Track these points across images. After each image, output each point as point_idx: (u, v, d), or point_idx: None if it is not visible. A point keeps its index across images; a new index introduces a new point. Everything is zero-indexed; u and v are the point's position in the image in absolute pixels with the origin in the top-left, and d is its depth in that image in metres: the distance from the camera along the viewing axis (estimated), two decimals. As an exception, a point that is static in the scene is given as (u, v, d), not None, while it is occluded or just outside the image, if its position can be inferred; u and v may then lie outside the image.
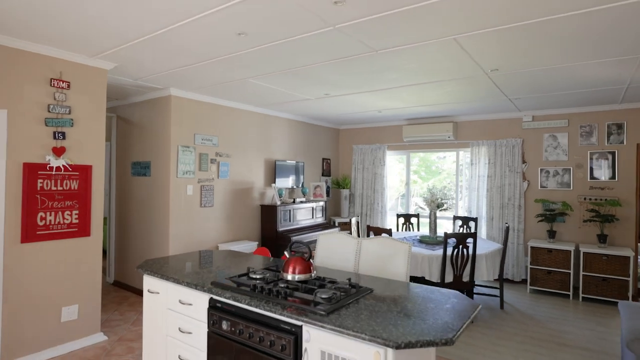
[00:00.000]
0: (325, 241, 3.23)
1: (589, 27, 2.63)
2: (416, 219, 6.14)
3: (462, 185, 6.54)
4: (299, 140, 6.74)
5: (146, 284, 2.74)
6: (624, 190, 5.08)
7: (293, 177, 6.37)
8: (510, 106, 5.40)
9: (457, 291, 2.32)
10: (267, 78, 4.10)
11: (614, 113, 5.15)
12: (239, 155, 5.55)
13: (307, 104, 5.46)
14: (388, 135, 7.12)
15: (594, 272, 4.88)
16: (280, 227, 5.69)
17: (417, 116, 6.39)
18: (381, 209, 7.09)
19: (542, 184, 5.63)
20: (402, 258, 2.85)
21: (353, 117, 6.58)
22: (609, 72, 3.64)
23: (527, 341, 3.77)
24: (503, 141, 5.87)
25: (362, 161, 7.35)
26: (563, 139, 5.48)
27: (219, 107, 5.26)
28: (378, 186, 7.11)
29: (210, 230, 5.15)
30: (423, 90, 4.52)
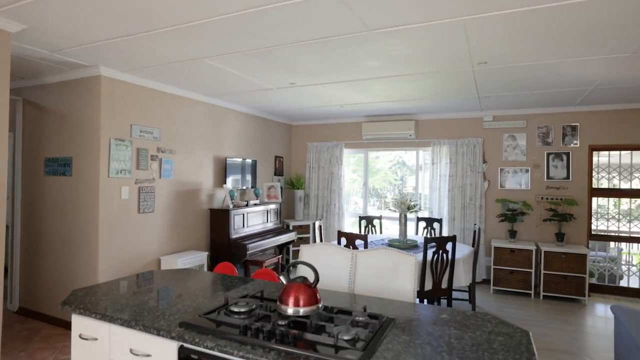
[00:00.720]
0: (311, 254, 2.70)
1: (587, 19, 2.43)
2: (379, 221, 5.83)
3: (423, 185, 6.38)
4: (251, 136, 6.07)
5: (77, 326, 1.97)
6: (577, 190, 5.24)
7: (245, 176, 5.69)
8: (474, 105, 5.31)
9: (490, 314, 1.95)
10: (228, 59, 3.43)
11: (569, 115, 5.29)
12: (185, 152, 4.75)
13: (266, 95, 4.84)
14: (346, 132, 6.73)
15: (554, 270, 4.95)
16: (234, 234, 4.99)
17: (378, 113, 6.09)
18: (338, 210, 6.69)
19: (502, 184, 5.64)
20: (407, 273, 2.42)
21: (310, 112, 6.09)
22: (589, 71, 3.59)
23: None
24: (464, 140, 5.80)
25: (318, 160, 6.89)
26: (522, 140, 5.54)
27: (162, 94, 4.42)
28: (335, 186, 6.70)
29: (151, 240, 4.31)
30: (399, 83, 4.17)
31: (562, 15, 2.42)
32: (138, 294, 2.15)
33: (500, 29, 2.66)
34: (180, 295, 2.14)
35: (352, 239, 4.10)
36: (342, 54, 3.23)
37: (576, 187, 5.25)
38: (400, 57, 3.30)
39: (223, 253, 4.94)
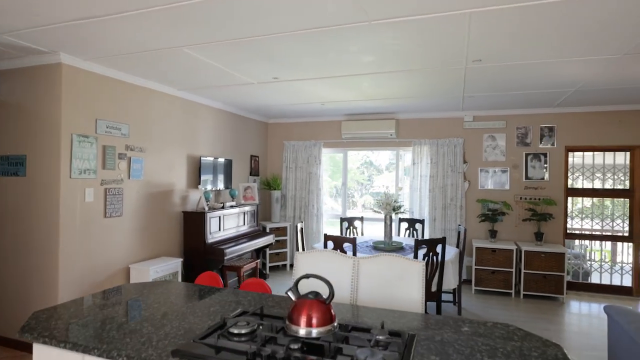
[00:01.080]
0: (308, 262, 2.48)
1: (587, 16, 2.38)
2: (360, 223, 5.68)
3: (402, 185, 6.31)
4: (226, 134, 5.74)
5: (41, 358, 1.65)
6: (554, 190, 5.34)
7: (220, 177, 5.36)
8: (456, 105, 5.28)
9: (512, 325, 1.81)
10: (209, 49, 3.14)
11: (547, 116, 5.38)
12: (157, 150, 4.38)
13: (246, 90, 4.54)
14: (324, 131, 6.54)
15: (534, 269, 5.00)
16: (210, 238, 4.66)
17: (358, 111, 5.94)
18: (317, 211, 6.49)
19: (482, 184, 5.66)
20: (414, 280, 2.26)
21: (288, 109, 5.84)
22: (577, 72, 3.60)
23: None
24: (445, 140, 5.76)
25: (295, 159, 6.65)
26: (501, 140, 5.57)
27: (132, 86, 4.03)
28: (313, 187, 6.49)
29: (119, 247, 3.91)
30: (388, 80, 4.03)
31: (562, 11, 2.35)
32: (114, 315, 1.84)
33: (503, 24, 2.56)
34: (165, 315, 1.86)
35: (339, 242, 3.91)
36: (336, 47, 3.03)
37: (553, 187, 5.35)
38: (395, 52, 3.14)
39: (198, 259, 4.61)
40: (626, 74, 3.64)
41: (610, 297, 5.14)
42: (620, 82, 3.93)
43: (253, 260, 5.23)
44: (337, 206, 7.12)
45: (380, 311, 2.02)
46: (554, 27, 2.61)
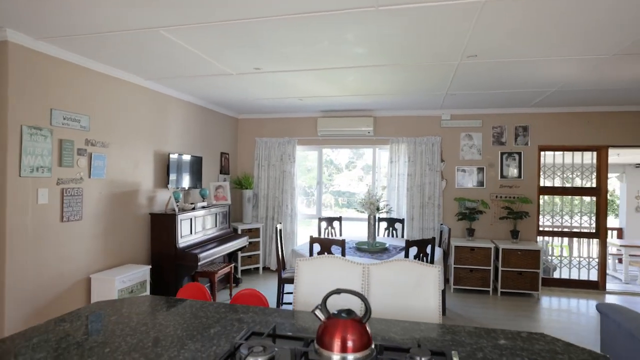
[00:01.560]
0: (311, 270, 2.24)
1: (587, 13, 2.34)
2: (338, 223, 5.50)
3: (375, 183, 6.20)
4: (196, 129, 5.32)
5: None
6: (528, 188, 5.46)
7: (190, 175, 4.95)
8: (435, 103, 5.24)
9: (547, 335, 1.68)
10: (189, 32, 2.80)
11: (521, 116, 5.48)
12: (121, 146, 3.92)
13: (222, 81, 4.19)
14: (299, 127, 6.28)
15: (511, 267, 5.07)
16: (181, 242, 4.27)
17: (336, 107, 5.75)
18: (291, 211, 6.22)
19: (459, 183, 5.67)
20: (431, 287, 2.09)
21: (262, 104, 5.53)
22: (564, 71, 3.62)
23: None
24: (423, 139, 5.72)
25: (268, 157, 6.34)
26: (478, 139, 5.61)
27: (94, 73, 3.56)
28: (287, 186, 6.22)
29: (78, 255, 3.44)
30: (375, 74, 3.86)
31: (563, 8, 2.29)
32: (92, 345, 1.50)
33: (508, 18, 2.46)
34: (158, 342, 1.55)
35: (327, 245, 3.69)
36: (333, 35, 2.80)
37: (527, 185, 5.46)
38: (392, 44, 2.97)
39: (168, 266, 4.20)
40: (608, 76, 3.72)
41: (579, 291, 5.33)
42: (598, 84, 4.03)
43: (227, 265, 4.89)
44: (301, 206, 6.93)
45: (401, 324, 1.82)
46: (553, 25, 2.56)
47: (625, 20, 2.49)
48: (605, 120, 5.23)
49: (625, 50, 3.02)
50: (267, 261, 6.30)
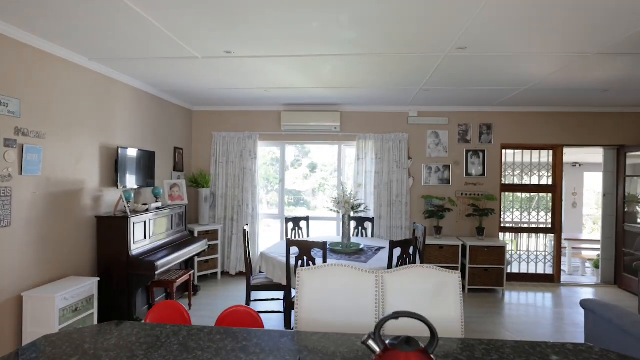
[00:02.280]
0: (316, 281, 1.93)
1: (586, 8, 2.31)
2: (305, 223, 5.20)
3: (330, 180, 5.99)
4: (148, 120, 4.72)
5: None
6: (491, 186, 5.57)
7: (141, 172, 4.37)
8: (404, 99, 5.14)
9: (593, 345, 1.54)
10: (160, 4, 2.34)
11: (485, 115, 5.57)
12: (61, 136, 3.29)
13: (183, 66, 3.69)
14: (261, 121, 5.88)
15: (478, 263, 5.13)
16: (135, 249, 3.71)
17: (301, 101, 5.43)
18: (252, 211, 5.81)
19: (426, 181, 5.64)
20: (452, 295, 1.89)
21: (222, 94, 5.06)
22: (541, 69, 3.64)
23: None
24: (390, 135, 5.60)
25: (226, 153, 5.86)
26: (444, 137, 5.62)
27: (26, 47, 2.92)
28: (248, 184, 5.79)
29: (6, 269, 2.81)
30: (356, 65, 3.61)
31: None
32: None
33: (509, 9, 2.33)
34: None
35: (306, 248, 3.38)
36: (326, 14, 2.50)
37: (490, 183, 5.57)
38: (383, 29, 2.73)
39: (120, 276, 3.63)
40: (580, 75, 3.81)
41: (537, 285, 5.55)
42: (568, 83, 4.14)
43: (185, 272, 4.39)
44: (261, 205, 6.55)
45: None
46: (548, 17, 2.49)
47: (614, 19, 2.48)
48: (561, 121, 5.48)
49: (608, 50, 3.07)
50: (226, 265, 5.83)
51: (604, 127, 5.44)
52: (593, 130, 5.45)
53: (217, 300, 4.74)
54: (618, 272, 5.50)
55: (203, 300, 4.75)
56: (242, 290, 5.11)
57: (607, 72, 3.69)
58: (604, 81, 4.02)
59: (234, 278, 5.68)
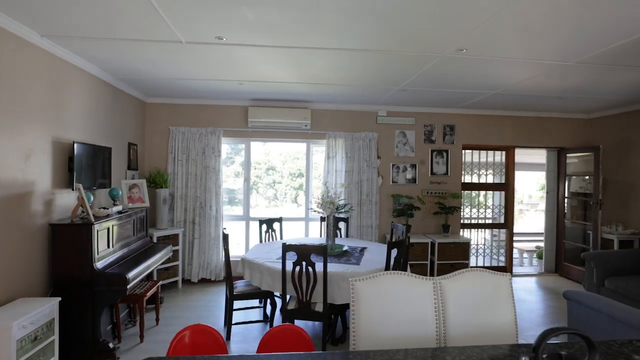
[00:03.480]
0: (373, 293, 1.79)
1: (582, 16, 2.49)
2: (279, 224, 4.96)
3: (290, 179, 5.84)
4: (103, 112, 4.12)
5: None
6: (453, 184, 5.83)
7: (97, 171, 3.79)
8: (376, 98, 5.14)
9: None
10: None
11: (449, 116, 5.80)
12: (5, 128, 2.69)
13: (156, 50, 3.25)
14: (225, 116, 5.48)
15: (445, 259, 5.33)
16: (100, 261, 3.19)
17: (269, 96, 5.16)
18: (215, 213, 5.40)
19: (394, 180, 5.72)
20: (505, 300, 1.87)
21: (184, 86, 4.61)
22: (520, 73, 3.84)
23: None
24: (361, 134, 5.58)
25: (186, 149, 5.37)
26: (411, 137, 5.74)
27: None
28: (211, 183, 5.37)
29: (-56, 296, 2.21)
30: (349, 61, 3.48)
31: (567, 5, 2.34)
32: None
33: (529, 12, 2.40)
34: None
35: (306, 253, 3.18)
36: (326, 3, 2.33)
37: (453, 181, 5.82)
38: (386, 25, 2.64)
39: (82, 294, 3.09)
40: (548, 83, 4.10)
41: (493, 276, 5.93)
42: (533, 90, 4.45)
43: (154, 284, 3.92)
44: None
45: (497, 349, 1.53)
46: (546, 24, 2.60)
47: (600, 31, 2.67)
48: (514, 124, 5.91)
49: (587, 60, 3.33)
50: (187, 273, 5.34)
51: (548, 131, 5.98)
52: (540, 133, 5.97)
53: (185, 312, 4.31)
54: (559, 261, 6.10)
55: (169, 312, 4.28)
56: (210, 300, 4.72)
57: (575, 81, 4.01)
58: (564, 89, 4.39)
59: (196, 286, 5.23)
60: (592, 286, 4.73)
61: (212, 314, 4.30)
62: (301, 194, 12.18)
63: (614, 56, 3.22)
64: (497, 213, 6.17)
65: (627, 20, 2.51)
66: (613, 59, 3.28)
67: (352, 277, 1.81)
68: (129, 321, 3.94)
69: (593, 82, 4.06)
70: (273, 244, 4.39)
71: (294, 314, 3.29)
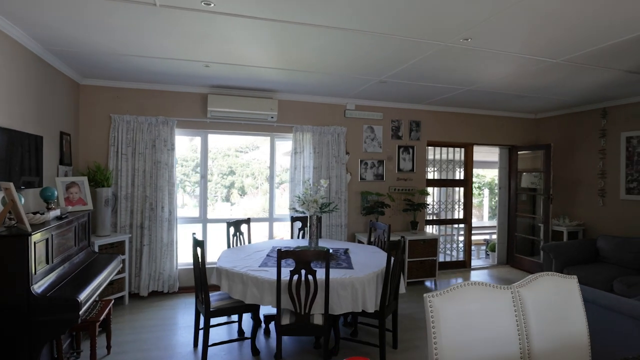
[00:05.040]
0: (455, 310, 1.49)
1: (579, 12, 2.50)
2: (247, 226, 4.45)
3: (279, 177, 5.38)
4: (31, 91, 3.27)
5: None
6: (419, 181, 5.80)
7: (24, 165, 2.99)
8: (343, 91, 4.88)
9: None
10: None
11: (415, 112, 5.75)
12: None
13: (116, 13, 2.59)
14: (180, 104, 4.80)
15: (415, 256, 5.25)
16: (38, 283, 2.47)
17: (230, 83, 4.61)
18: (169, 215, 4.70)
19: (362, 176, 5.51)
20: (576, 307, 1.70)
21: (133, 64, 3.90)
22: (502, 71, 3.83)
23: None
24: (329, 128, 5.27)
25: (132, 142, 4.59)
26: (379, 132, 5.58)
27: None
28: (163, 182, 4.66)
29: None
30: (343, 43, 3.14)
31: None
32: None
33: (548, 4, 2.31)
34: None
35: (305, 260, 2.79)
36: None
37: (418, 178, 5.79)
38: (398, 6, 2.38)
39: (17, 326, 2.35)
40: (519, 81, 4.18)
41: (455, 271, 6.05)
42: (502, 88, 4.52)
43: (106, 304, 3.21)
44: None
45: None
46: (554, 18, 2.56)
47: (592, 30, 2.70)
48: (473, 122, 6.05)
49: (574, 60, 3.39)
50: (134, 286, 4.58)
51: (502, 129, 6.24)
52: (494, 131, 6.20)
53: (141, 334, 3.63)
54: (510, 253, 6.42)
55: (121, 336, 3.57)
56: (167, 317, 4.07)
57: (547, 79, 4.12)
58: (533, 88, 4.52)
59: (146, 301, 4.50)
60: (552, 276, 4.97)
61: (174, 334, 3.68)
62: (235, 193, 11.54)
63: (597, 56, 3.31)
64: (456, 209, 6.29)
65: (629, 20, 2.53)
66: (595, 58, 3.38)
67: (357, 283, 1.50)
68: (72, 353, 3.17)
69: (559, 82, 4.22)
70: (245, 249, 3.90)
71: (290, 330, 2.88)
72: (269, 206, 5.35)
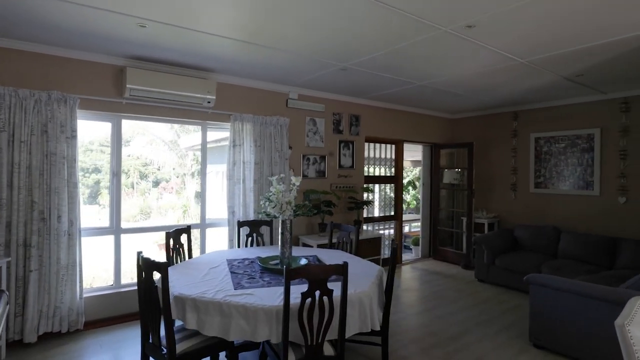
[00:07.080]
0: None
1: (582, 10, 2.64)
2: (186, 236, 3.55)
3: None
4: None
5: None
6: (358, 178, 5.58)
7: None
8: (287, 77, 4.36)
9: None
10: None
11: (355, 106, 5.50)
12: None
13: None
14: (85, 77, 3.57)
15: (362, 255, 4.99)
16: None
17: (160, 56, 3.63)
18: (69, 227, 3.46)
19: (304, 173, 5.03)
20: None
21: (30, 10, 2.72)
22: (472, 65, 3.80)
23: None
24: (272, 119, 4.63)
25: (10, 125, 3.22)
26: (321, 125, 5.16)
27: None
28: (59, 181, 3.40)
29: None
30: (334, 12, 2.65)
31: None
32: None
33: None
34: None
35: (321, 278, 2.21)
36: None
37: (357, 175, 5.57)
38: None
39: None
40: (479, 81, 4.27)
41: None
42: (452, 87, 4.59)
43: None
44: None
45: None
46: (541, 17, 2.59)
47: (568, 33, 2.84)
48: (404, 119, 6.12)
49: (535, 61, 3.54)
50: (15, 330, 3.23)
51: (427, 127, 6.48)
52: (421, 129, 6.40)
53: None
54: (434, 246, 6.74)
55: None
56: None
57: (497, 79, 4.28)
58: (483, 88, 4.67)
59: (34, 349, 3.22)
60: (483, 265, 5.32)
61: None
62: (105, 193, 9.84)
63: (556, 60, 3.52)
64: (383, 206, 6.31)
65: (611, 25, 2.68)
66: (553, 62, 3.59)
67: (364, 297, 1.18)
68: None
69: (506, 83, 4.44)
70: (194, 265, 3.06)
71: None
72: (200, 210, 4.45)
